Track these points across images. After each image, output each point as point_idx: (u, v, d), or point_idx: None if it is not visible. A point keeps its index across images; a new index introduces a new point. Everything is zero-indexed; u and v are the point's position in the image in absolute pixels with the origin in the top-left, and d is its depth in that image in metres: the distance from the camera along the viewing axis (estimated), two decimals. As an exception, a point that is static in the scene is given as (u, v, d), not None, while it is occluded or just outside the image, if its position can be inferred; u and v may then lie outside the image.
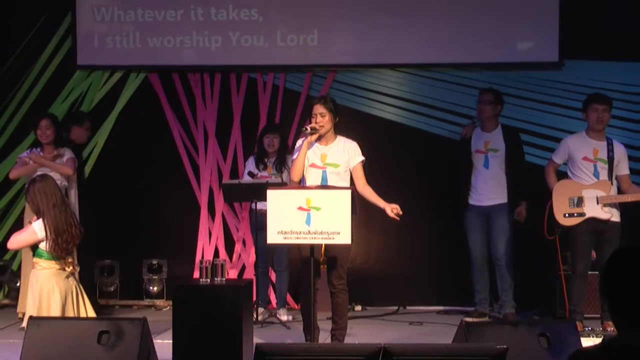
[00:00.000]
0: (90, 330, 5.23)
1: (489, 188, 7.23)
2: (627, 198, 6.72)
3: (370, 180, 6.07)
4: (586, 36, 7.86)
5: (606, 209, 6.68)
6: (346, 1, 8.12)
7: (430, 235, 8.08)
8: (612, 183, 6.74)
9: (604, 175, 6.73)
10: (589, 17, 7.83)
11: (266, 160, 7.59)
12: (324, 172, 5.95)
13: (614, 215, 6.71)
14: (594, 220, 6.68)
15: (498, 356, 4.15)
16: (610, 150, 6.76)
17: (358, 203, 5.64)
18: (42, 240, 5.78)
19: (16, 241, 6.00)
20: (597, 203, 6.68)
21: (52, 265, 5.73)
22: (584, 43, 7.88)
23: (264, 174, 7.51)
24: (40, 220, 5.79)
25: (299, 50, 8.14)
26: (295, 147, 6.17)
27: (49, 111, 7.85)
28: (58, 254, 5.76)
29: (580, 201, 6.70)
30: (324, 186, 5.83)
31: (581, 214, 6.69)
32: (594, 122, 6.76)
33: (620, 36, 7.87)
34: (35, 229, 5.80)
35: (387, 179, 7.12)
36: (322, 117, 5.94)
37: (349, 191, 5.42)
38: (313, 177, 5.96)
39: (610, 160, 6.74)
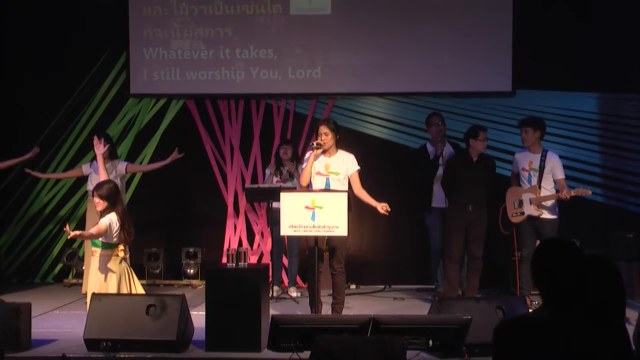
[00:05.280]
0: (140, 304, 5.25)
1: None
2: (547, 198, 6.65)
3: (363, 184, 6.04)
4: (533, 70, 7.84)
5: (538, 208, 6.65)
6: (342, 44, 8.09)
7: (410, 229, 8.03)
8: (539, 187, 6.68)
9: (534, 181, 6.71)
10: (535, 55, 7.81)
11: (282, 168, 7.57)
12: (328, 179, 5.94)
13: (545, 213, 6.68)
14: (530, 217, 6.68)
15: (464, 325, 4.14)
16: (542, 160, 6.71)
17: (353, 203, 5.61)
18: (114, 229, 5.36)
19: (100, 231, 5.36)
20: (530, 204, 6.66)
21: (108, 253, 5.55)
22: (532, 76, 7.85)
23: (279, 179, 7.49)
24: (114, 214, 5.41)
25: (306, 82, 8.12)
26: (304, 158, 6.15)
27: (107, 131, 7.82)
28: (124, 240, 5.46)
29: (520, 203, 6.71)
30: (326, 189, 5.82)
31: (522, 213, 6.71)
32: (522, 140, 6.82)
33: (559, 71, 7.85)
34: (113, 219, 5.39)
35: (376, 184, 7.05)
36: (325, 136, 5.93)
37: (346, 194, 5.45)
38: (319, 183, 5.95)
39: (541, 169, 6.70)
